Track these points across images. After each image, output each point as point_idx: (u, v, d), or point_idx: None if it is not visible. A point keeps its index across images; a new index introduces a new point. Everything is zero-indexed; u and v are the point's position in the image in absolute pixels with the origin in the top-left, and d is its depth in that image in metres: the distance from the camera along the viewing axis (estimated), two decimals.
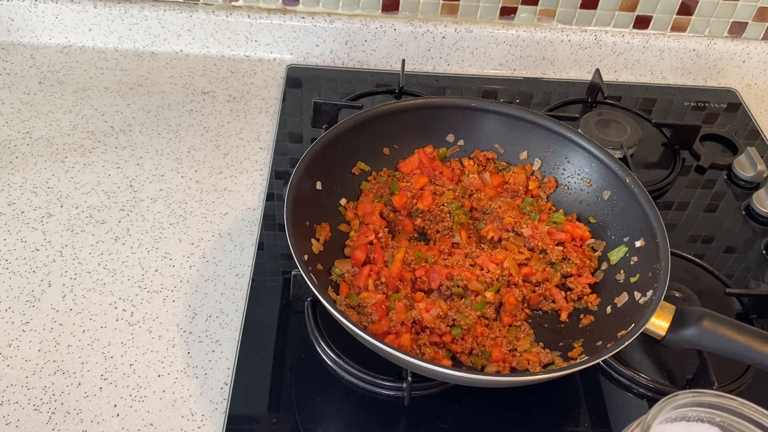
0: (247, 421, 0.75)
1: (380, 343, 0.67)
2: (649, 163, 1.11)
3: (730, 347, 0.73)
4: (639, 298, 0.79)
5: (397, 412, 0.77)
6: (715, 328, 0.73)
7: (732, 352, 0.73)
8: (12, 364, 0.77)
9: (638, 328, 0.71)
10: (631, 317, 0.76)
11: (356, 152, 0.92)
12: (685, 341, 0.74)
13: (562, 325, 0.84)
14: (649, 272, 0.79)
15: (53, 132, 1.04)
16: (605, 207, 0.90)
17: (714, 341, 0.73)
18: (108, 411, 0.74)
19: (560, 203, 0.94)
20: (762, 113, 1.24)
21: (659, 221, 0.81)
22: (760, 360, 0.72)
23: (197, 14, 1.17)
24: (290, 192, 0.79)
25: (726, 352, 0.74)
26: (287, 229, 0.75)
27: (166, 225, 0.93)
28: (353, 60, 1.23)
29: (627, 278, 0.83)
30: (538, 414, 0.78)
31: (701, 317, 0.74)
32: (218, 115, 1.10)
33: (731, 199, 1.07)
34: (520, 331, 0.81)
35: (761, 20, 1.23)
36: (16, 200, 0.94)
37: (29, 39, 1.19)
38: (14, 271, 0.86)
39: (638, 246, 0.83)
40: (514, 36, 1.21)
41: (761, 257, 0.99)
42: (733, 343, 0.73)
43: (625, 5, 1.20)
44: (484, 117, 0.96)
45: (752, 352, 0.72)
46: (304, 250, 0.79)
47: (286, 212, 0.76)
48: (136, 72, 1.16)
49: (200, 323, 0.83)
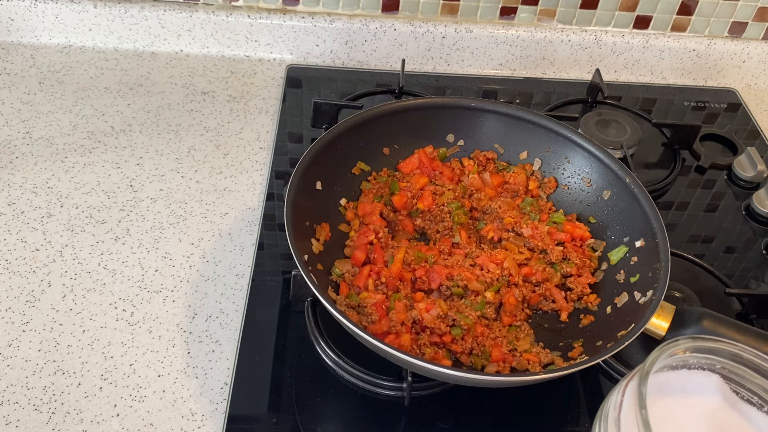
0: (247, 421, 0.75)
1: (380, 343, 0.67)
2: (649, 163, 1.11)
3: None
4: (639, 298, 0.79)
5: (397, 412, 0.77)
6: (714, 328, 0.73)
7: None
8: (12, 364, 0.77)
9: (638, 329, 0.71)
10: (631, 317, 0.76)
11: (356, 152, 0.92)
12: None
13: (562, 325, 0.84)
14: (649, 272, 0.79)
15: (53, 132, 1.04)
16: (605, 207, 0.90)
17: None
18: (108, 411, 0.74)
19: (560, 203, 0.94)
20: (762, 113, 1.24)
21: (659, 221, 0.81)
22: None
23: (197, 14, 1.17)
24: (290, 192, 0.79)
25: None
26: (287, 229, 0.75)
27: (166, 225, 0.93)
28: (353, 60, 1.23)
29: (627, 278, 0.83)
30: (538, 414, 0.78)
31: (701, 317, 0.74)
32: (218, 115, 1.10)
33: (731, 199, 1.07)
34: (520, 331, 0.81)
35: (761, 20, 1.23)
36: (16, 200, 0.94)
37: (29, 39, 1.19)
38: (14, 271, 0.86)
39: (638, 246, 0.83)
40: (514, 36, 1.22)
41: (761, 257, 0.99)
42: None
43: (625, 5, 1.20)
44: (484, 117, 0.96)
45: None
46: (304, 250, 0.79)
47: (286, 212, 0.76)
48: (136, 72, 1.16)
49: (200, 323, 0.83)
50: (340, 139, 0.88)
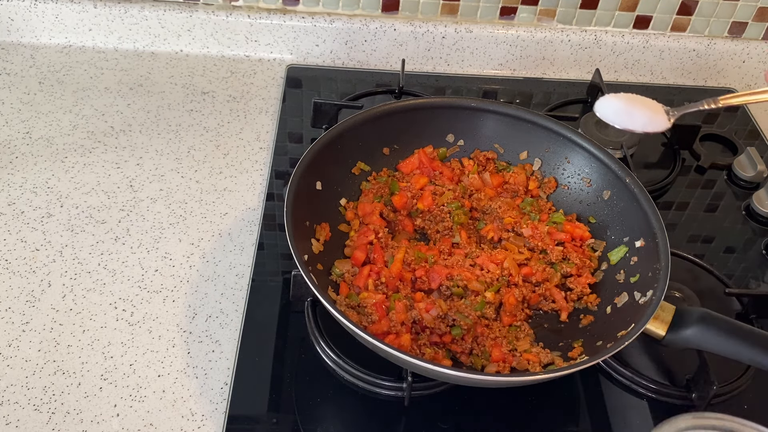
0: (247, 421, 0.75)
1: (380, 343, 0.67)
2: (649, 163, 1.11)
3: (729, 348, 0.73)
4: (639, 298, 0.79)
5: (397, 412, 0.77)
6: (714, 328, 0.73)
7: (731, 353, 0.73)
8: (12, 364, 0.77)
9: (638, 329, 0.71)
10: (631, 317, 0.76)
11: (356, 152, 0.92)
12: (685, 341, 0.74)
13: (562, 325, 0.84)
14: (649, 272, 0.79)
15: (53, 132, 1.04)
16: (605, 207, 0.90)
17: (714, 341, 0.73)
18: (108, 411, 0.74)
19: (560, 203, 0.94)
20: (762, 113, 1.24)
21: (659, 221, 0.81)
22: (760, 360, 0.72)
23: (197, 14, 1.17)
24: (290, 192, 0.79)
25: (726, 353, 0.73)
26: (287, 229, 0.75)
27: (166, 225, 0.93)
28: (353, 60, 1.23)
29: (627, 278, 0.83)
30: (538, 414, 0.78)
31: (701, 317, 0.74)
32: (218, 115, 1.10)
33: (731, 199, 1.07)
34: (520, 331, 0.81)
35: (761, 20, 1.23)
36: (16, 200, 0.94)
37: (29, 39, 1.19)
38: (14, 271, 0.86)
39: (638, 246, 0.83)
40: (514, 36, 1.22)
41: (761, 257, 0.99)
42: (732, 343, 0.73)
43: (625, 5, 1.20)
44: (484, 117, 0.96)
45: (752, 353, 0.72)
46: (304, 250, 0.79)
47: (286, 212, 0.76)
48: (136, 72, 1.16)
49: (200, 323, 0.83)
50: (339, 139, 0.88)
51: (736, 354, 0.73)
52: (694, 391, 0.79)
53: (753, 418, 0.79)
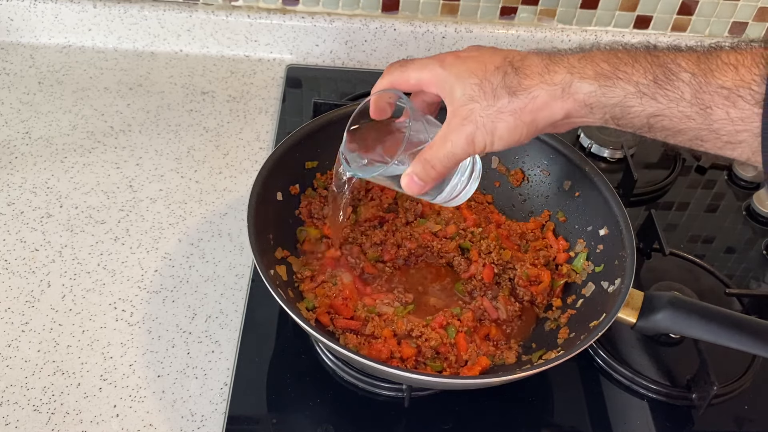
0: (246, 421, 0.75)
1: (356, 355, 0.67)
2: (649, 163, 1.11)
3: (701, 329, 0.73)
4: (607, 287, 0.79)
5: (396, 414, 0.77)
6: (684, 311, 0.73)
7: (703, 334, 0.73)
8: (12, 364, 0.77)
9: (610, 318, 0.71)
10: (602, 307, 0.76)
11: (314, 158, 0.90)
12: (656, 326, 0.74)
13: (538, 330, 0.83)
14: (615, 260, 0.79)
15: (53, 132, 1.04)
16: (567, 198, 0.89)
17: (684, 324, 0.73)
18: (108, 411, 0.74)
19: (529, 200, 0.93)
20: None
21: (621, 208, 0.81)
22: (728, 339, 0.72)
23: (197, 14, 1.17)
24: (251, 206, 0.77)
25: (697, 335, 0.74)
26: (251, 244, 0.74)
27: (166, 225, 0.93)
28: (353, 60, 1.23)
29: (592, 269, 0.83)
30: (538, 414, 0.78)
31: (669, 301, 0.74)
32: (218, 115, 1.10)
33: (731, 199, 1.07)
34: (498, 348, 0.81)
35: (761, 20, 1.23)
36: (16, 200, 0.94)
37: (29, 39, 1.19)
38: (14, 272, 0.86)
39: (602, 234, 0.83)
40: (514, 36, 1.21)
41: (761, 257, 0.99)
42: (702, 324, 0.73)
43: (625, 5, 1.20)
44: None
45: (722, 333, 0.72)
46: (269, 264, 0.78)
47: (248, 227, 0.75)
48: (135, 72, 1.16)
49: (200, 323, 0.83)
50: (296, 147, 0.87)
51: (708, 335, 0.73)
52: (694, 391, 0.79)
53: (753, 418, 0.80)
